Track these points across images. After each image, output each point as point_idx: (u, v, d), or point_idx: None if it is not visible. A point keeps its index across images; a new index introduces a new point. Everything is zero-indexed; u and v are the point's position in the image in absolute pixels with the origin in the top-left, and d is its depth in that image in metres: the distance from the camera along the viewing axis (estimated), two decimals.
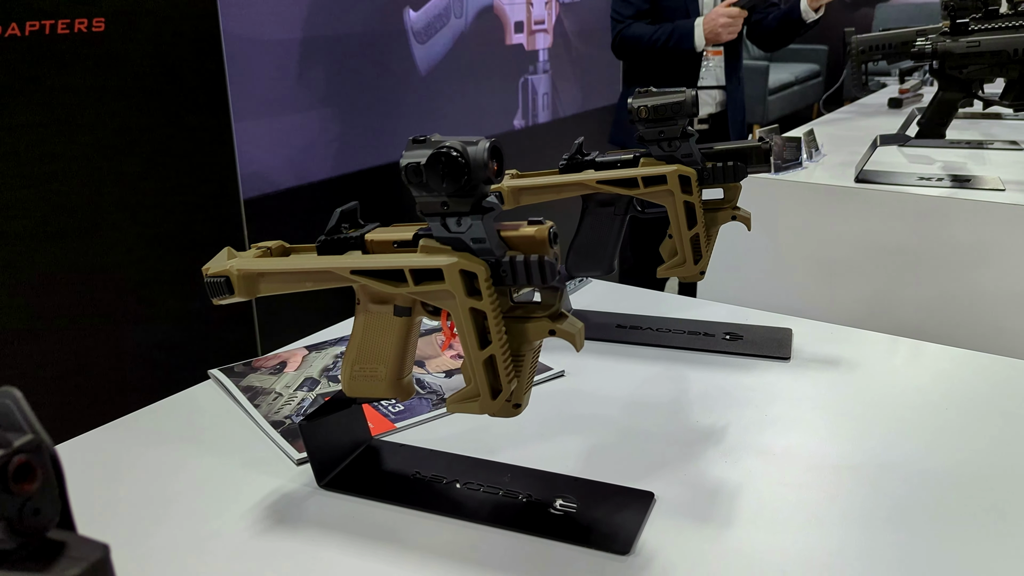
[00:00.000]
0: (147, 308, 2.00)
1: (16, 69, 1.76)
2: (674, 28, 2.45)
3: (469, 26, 3.26)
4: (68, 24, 1.87)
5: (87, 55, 1.89)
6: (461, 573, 0.67)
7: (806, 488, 0.78)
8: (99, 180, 1.90)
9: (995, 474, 0.80)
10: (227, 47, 2.17)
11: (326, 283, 0.72)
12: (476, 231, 0.66)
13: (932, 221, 1.62)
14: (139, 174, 1.97)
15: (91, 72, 1.90)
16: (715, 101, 2.63)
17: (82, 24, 1.89)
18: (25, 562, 0.37)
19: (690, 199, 0.98)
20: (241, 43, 2.43)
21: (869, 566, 0.67)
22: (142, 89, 1.97)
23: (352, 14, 2.74)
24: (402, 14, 2.91)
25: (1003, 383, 0.98)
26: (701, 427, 0.89)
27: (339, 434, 0.81)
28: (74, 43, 1.88)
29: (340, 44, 2.71)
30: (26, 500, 0.36)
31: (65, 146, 1.83)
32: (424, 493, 0.77)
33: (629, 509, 0.74)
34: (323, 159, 2.77)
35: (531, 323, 0.68)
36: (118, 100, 1.93)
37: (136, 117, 1.96)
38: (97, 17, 1.91)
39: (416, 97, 3.08)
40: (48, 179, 1.83)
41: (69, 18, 1.87)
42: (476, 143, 0.65)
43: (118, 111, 1.92)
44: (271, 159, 2.59)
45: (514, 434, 0.87)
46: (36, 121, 1.82)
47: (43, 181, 1.83)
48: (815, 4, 2.39)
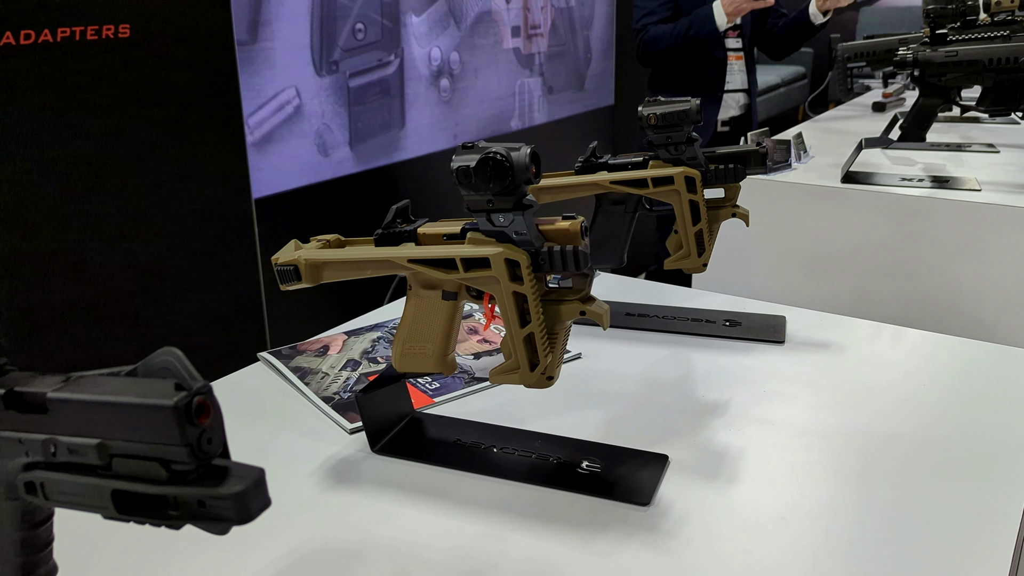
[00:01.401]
0: (162, 303, 2.09)
1: (49, 73, 1.85)
2: (693, 16, 2.52)
3: (467, 30, 3.36)
4: (96, 30, 1.96)
5: (113, 59, 1.98)
6: (503, 523, 0.77)
7: (799, 451, 0.89)
8: (121, 179, 1.99)
9: (964, 439, 0.91)
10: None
11: (383, 271, 0.82)
12: (518, 225, 0.76)
13: (913, 219, 1.73)
14: (158, 173, 2.07)
15: (117, 75, 1.99)
16: (738, 104, 2.74)
17: (109, 31, 1.99)
18: (200, 481, 0.47)
19: (695, 198, 1.08)
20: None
21: (854, 514, 0.78)
22: (161, 91, 2.07)
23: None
24: (406, 17, 3.00)
25: (975, 363, 1.09)
26: (707, 401, 0.99)
27: (388, 406, 0.91)
28: (102, 48, 1.97)
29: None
30: (202, 431, 0.46)
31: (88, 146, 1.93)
32: (466, 457, 0.87)
33: (647, 468, 0.84)
34: (331, 159, 2.85)
35: (564, 305, 0.78)
36: (140, 103, 2.03)
37: (156, 118, 2.06)
38: (123, 24, 2.01)
39: (421, 100, 3.17)
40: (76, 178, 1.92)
41: (97, 24, 1.96)
42: (519, 149, 0.75)
43: (140, 113, 2.02)
44: (280, 160, 2.67)
45: (540, 407, 0.97)
46: (68, 122, 1.91)
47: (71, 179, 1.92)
48: (823, 7, 2.50)
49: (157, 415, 0.45)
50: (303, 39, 2.66)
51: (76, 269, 1.93)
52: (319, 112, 2.75)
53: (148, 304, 2.07)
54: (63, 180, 1.90)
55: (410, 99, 3.10)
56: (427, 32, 3.14)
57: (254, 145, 2.54)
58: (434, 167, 3.26)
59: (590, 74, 4.23)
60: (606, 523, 0.77)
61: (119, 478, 0.47)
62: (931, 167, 1.98)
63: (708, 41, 2.55)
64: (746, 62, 2.73)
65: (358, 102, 2.89)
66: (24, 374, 0.52)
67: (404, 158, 3.12)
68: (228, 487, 0.46)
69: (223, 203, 2.32)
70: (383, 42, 2.95)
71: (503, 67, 3.59)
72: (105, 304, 1.98)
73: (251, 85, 2.51)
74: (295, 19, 2.62)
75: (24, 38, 1.84)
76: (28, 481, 0.50)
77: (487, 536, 0.75)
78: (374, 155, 2.99)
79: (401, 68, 3.04)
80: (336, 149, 2.84)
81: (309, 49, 2.68)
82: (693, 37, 2.53)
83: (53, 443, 0.49)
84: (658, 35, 2.60)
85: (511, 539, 0.75)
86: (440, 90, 3.24)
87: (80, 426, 0.48)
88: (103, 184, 1.96)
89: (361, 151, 2.93)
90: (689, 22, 2.53)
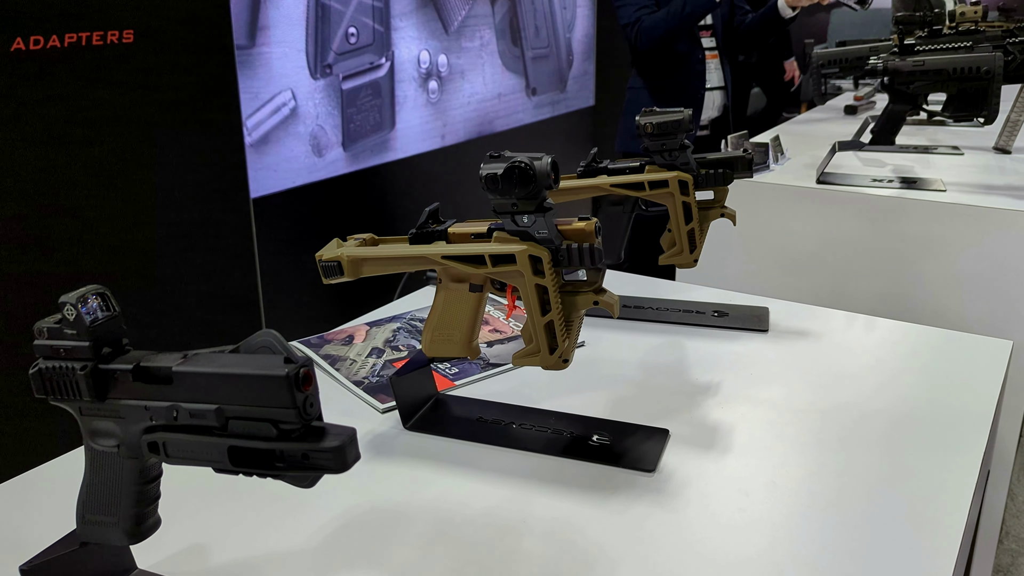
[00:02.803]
0: (162, 298, 2.18)
1: (56, 77, 1.93)
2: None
3: (455, 33, 3.45)
4: (102, 36, 2.04)
5: (118, 64, 2.06)
6: (527, 487, 0.88)
7: (783, 426, 1.00)
8: (122, 179, 2.08)
9: (928, 414, 1.02)
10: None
11: (418, 266, 0.92)
12: (540, 225, 0.87)
13: (883, 217, 1.85)
14: (161, 172, 2.16)
15: (121, 79, 2.07)
16: (716, 105, 2.83)
17: (114, 36, 2.07)
18: (304, 439, 0.57)
19: (687, 200, 1.19)
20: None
21: (832, 478, 0.89)
22: (164, 94, 2.16)
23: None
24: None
25: (939, 349, 1.21)
26: (700, 383, 1.10)
27: (418, 387, 1.01)
28: (107, 53, 2.05)
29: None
30: (306, 397, 0.56)
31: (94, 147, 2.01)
32: (489, 432, 0.98)
33: (651, 441, 0.95)
34: (325, 159, 2.94)
35: (580, 295, 0.89)
36: (144, 105, 2.11)
37: (158, 120, 2.15)
38: (127, 30, 2.09)
39: (411, 102, 3.25)
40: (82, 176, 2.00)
41: (102, 30, 2.04)
42: (541, 159, 0.85)
43: (144, 115, 2.11)
44: (276, 160, 2.75)
45: (551, 390, 1.08)
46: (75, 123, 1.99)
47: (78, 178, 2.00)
48: (792, 2, 2.62)
49: (271, 383, 0.55)
50: (299, 43, 2.74)
51: (82, 264, 2.00)
52: (313, 114, 2.84)
53: (148, 299, 2.15)
54: (71, 179, 1.98)
55: (400, 101, 3.19)
56: (416, 36, 3.23)
57: (252, 146, 2.63)
58: (423, 167, 3.36)
59: (571, 76, 4.34)
60: (617, 487, 0.88)
61: (234, 436, 0.57)
62: (900, 168, 2.11)
63: (703, 15, 2.59)
64: (721, 61, 2.82)
65: (351, 104, 2.98)
66: (143, 352, 0.62)
67: (394, 158, 3.21)
68: (329, 442, 0.56)
69: (223, 202, 2.40)
70: (375, 45, 3.04)
71: (488, 69, 3.69)
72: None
73: (249, 88, 2.60)
74: (291, 24, 2.70)
75: (34, 43, 1.92)
76: (152, 442, 0.60)
77: (514, 499, 0.86)
78: (366, 155, 3.08)
79: (392, 71, 3.13)
80: (329, 149, 2.93)
81: (304, 53, 2.77)
82: (690, 14, 2.57)
83: (176, 409, 0.59)
84: (655, 22, 2.63)
85: (535, 501, 0.85)
86: (428, 92, 3.34)
87: (200, 394, 0.58)
88: (109, 182, 2.04)
89: (353, 151, 3.02)
90: (683, 1, 2.58)
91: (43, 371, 0.62)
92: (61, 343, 0.61)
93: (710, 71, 2.78)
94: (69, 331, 0.61)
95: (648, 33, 2.66)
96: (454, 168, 3.50)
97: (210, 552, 0.78)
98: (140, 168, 2.12)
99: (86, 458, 0.65)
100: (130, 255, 2.10)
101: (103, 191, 2.04)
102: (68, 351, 0.61)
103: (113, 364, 0.61)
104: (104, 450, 0.63)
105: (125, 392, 0.61)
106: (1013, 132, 2.28)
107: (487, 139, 3.71)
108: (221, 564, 0.76)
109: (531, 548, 0.78)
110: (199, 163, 2.29)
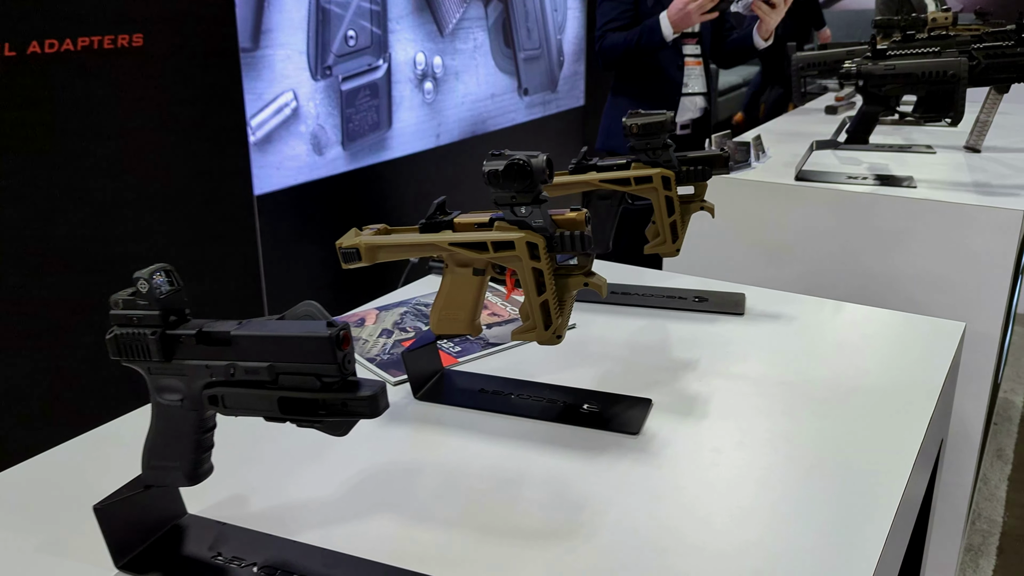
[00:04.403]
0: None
1: (70, 78, 2.03)
2: (643, 26, 2.70)
3: (449, 35, 3.55)
4: (113, 40, 2.15)
5: (128, 66, 2.16)
6: (525, 447, 0.99)
7: (755, 396, 1.11)
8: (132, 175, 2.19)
9: (886, 382, 1.14)
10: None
11: (427, 252, 1.03)
12: (536, 215, 0.98)
13: (858, 213, 1.97)
14: (169, 170, 2.27)
15: (132, 80, 2.18)
16: (696, 107, 2.95)
17: (124, 40, 2.17)
18: (343, 390, 0.68)
19: (670, 194, 1.31)
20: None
21: (796, 440, 1.01)
22: (173, 94, 2.27)
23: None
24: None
25: (903, 331, 1.33)
26: (680, 360, 1.22)
27: (426, 362, 1.13)
28: (118, 56, 2.16)
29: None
30: (345, 355, 0.67)
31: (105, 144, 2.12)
32: (490, 401, 1.09)
33: (635, 408, 1.07)
34: (325, 158, 3.04)
35: (572, 278, 1.00)
36: (153, 105, 2.22)
37: (167, 120, 2.26)
38: (136, 33, 2.19)
39: (407, 102, 3.36)
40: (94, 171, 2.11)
41: (113, 34, 2.14)
42: (537, 156, 0.97)
43: (153, 114, 2.22)
44: (279, 159, 2.86)
45: (544, 366, 1.19)
46: (88, 122, 2.09)
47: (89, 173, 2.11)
48: (765, 35, 2.76)
49: (316, 343, 0.66)
50: (300, 45, 2.85)
51: (93, 257, 2.11)
52: (314, 114, 2.95)
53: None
54: (82, 173, 2.08)
55: (397, 101, 3.30)
56: (412, 38, 3.33)
57: (255, 145, 2.73)
58: (419, 165, 3.47)
59: (562, 77, 4.45)
60: (605, 447, 0.99)
61: (283, 389, 0.68)
62: (875, 166, 2.22)
63: (657, 50, 2.72)
64: (704, 67, 2.94)
65: (349, 104, 3.08)
66: (203, 320, 0.73)
67: (391, 157, 3.32)
68: (364, 391, 0.67)
69: (227, 199, 2.50)
70: (372, 48, 3.15)
71: (482, 70, 3.80)
72: (107, 291, 2.17)
73: (253, 89, 2.70)
74: (293, 27, 2.81)
75: (48, 47, 2.02)
76: (212, 395, 0.71)
77: (514, 457, 0.97)
78: (364, 154, 3.19)
79: (389, 72, 3.24)
80: (329, 148, 3.03)
81: (306, 55, 2.87)
82: (644, 47, 2.70)
83: (233, 367, 0.70)
84: (614, 43, 2.76)
85: (533, 459, 0.97)
86: (424, 92, 3.45)
87: (254, 353, 0.69)
88: (119, 178, 2.15)
89: (352, 150, 3.12)
90: (640, 31, 2.70)
91: (118, 337, 0.73)
92: (134, 312, 0.72)
93: (692, 77, 2.89)
94: (141, 302, 0.72)
95: (606, 53, 2.80)
96: (449, 166, 3.61)
97: (248, 500, 0.89)
98: (148, 165, 2.22)
99: (152, 411, 0.76)
100: (139, 248, 2.21)
101: (114, 186, 2.14)
102: (140, 319, 0.72)
103: (178, 330, 0.72)
104: (169, 404, 0.74)
105: (188, 353, 0.72)
106: (982, 132, 2.41)
107: (480, 138, 3.83)
108: (259, 510, 0.87)
109: (530, 496, 0.90)
110: (205, 161, 2.39)
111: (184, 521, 0.83)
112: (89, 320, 2.09)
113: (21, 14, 1.92)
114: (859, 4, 6.79)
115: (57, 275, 2.06)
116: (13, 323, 2.00)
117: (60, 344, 2.07)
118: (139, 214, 2.20)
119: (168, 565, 0.78)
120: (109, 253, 2.15)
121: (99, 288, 2.11)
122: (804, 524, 0.85)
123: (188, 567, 0.77)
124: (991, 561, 2.45)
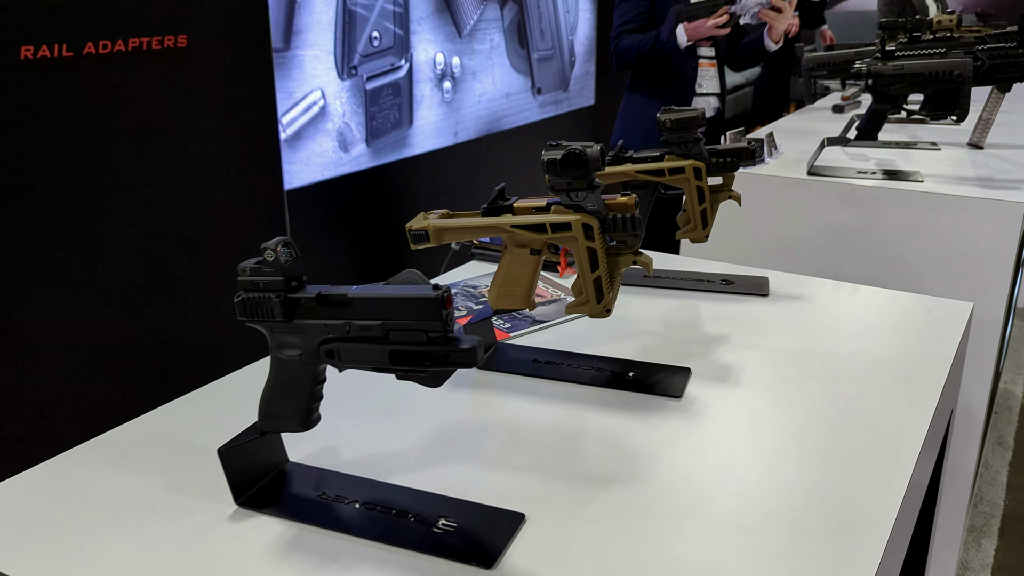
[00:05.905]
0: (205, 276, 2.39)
1: (121, 77, 2.14)
2: (659, 31, 2.81)
3: (467, 36, 3.65)
4: (160, 41, 2.26)
5: (172, 65, 2.28)
6: (581, 408, 1.10)
7: (785, 366, 1.23)
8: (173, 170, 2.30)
9: (900, 355, 1.25)
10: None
11: (490, 234, 1.14)
12: (590, 200, 1.09)
13: (867, 206, 2.09)
14: (205, 164, 2.38)
15: (175, 79, 2.29)
16: (709, 107, 3.05)
17: (170, 41, 2.28)
18: (446, 343, 0.79)
19: (701, 184, 1.42)
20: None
21: (818, 402, 1.12)
22: (212, 92, 2.38)
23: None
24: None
25: (913, 309, 1.44)
26: (713, 334, 1.33)
27: (483, 335, 1.24)
28: (164, 56, 2.27)
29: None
30: (448, 313, 0.78)
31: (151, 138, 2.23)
32: (544, 369, 1.20)
33: (677, 376, 1.18)
34: (350, 155, 3.15)
35: (622, 256, 1.11)
36: (195, 102, 2.33)
37: (206, 117, 2.37)
38: (181, 35, 2.30)
39: (427, 101, 3.46)
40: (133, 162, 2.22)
41: (160, 36, 2.25)
42: (592, 146, 1.08)
43: (194, 111, 2.33)
44: (307, 155, 2.97)
45: (587, 340, 1.30)
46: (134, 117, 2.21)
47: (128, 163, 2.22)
48: (775, 38, 2.88)
49: (424, 303, 0.77)
50: (328, 46, 2.96)
51: (130, 247, 2.22)
52: (340, 112, 3.06)
53: (192, 277, 2.37)
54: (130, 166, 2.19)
55: (417, 100, 3.41)
56: (432, 39, 3.44)
57: (286, 142, 2.84)
58: (438, 162, 3.58)
59: (574, 76, 4.56)
60: (652, 408, 1.10)
61: (394, 343, 0.79)
62: (883, 162, 2.34)
63: (671, 56, 2.84)
64: (719, 69, 3.05)
65: (373, 103, 3.19)
66: (319, 286, 0.84)
67: (412, 154, 3.43)
68: (464, 344, 0.78)
69: (261, 193, 2.61)
70: (395, 48, 3.26)
71: (497, 70, 3.91)
72: (159, 274, 2.29)
73: (284, 87, 2.81)
74: (322, 28, 2.92)
75: (102, 48, 2.13)
76: (328, 350, 0.82)
77: (571, 416, 1.08)
78: (387, 151, 3.29)
79: (410, 72, 3.35)
80: (354, 145, 3.14)
81: (333, 55, 2.98)
82: (658, 51, 2.82)
83: (349, 325, 0.81)
84: (628, 45, 2.87)
85: (588, 417, 1.08)
86: (443, 91, 3.55)
87: (368, 313, 0.80)
88: (163, 174, 2.26)
89: (376, 147, 3.23)
90: (655, 35, 2.81)
91: (245, 300, 0.84)
92: (260, 279, 0.83)
93: (706, 78, 3.00)
94: (267, 269, 0.83)
95: (621, 55, 2.92)
96: (467, 163, 3.73)
97: (340, 451, 1.00)
98: (188, 160, 2.33)
99: (271, 366, 0.87)
100: (178, 239, 2.32)
101: (158, 179, 2.25)
102: (265, 284, 0.83)
103: (299, 294, 0.83)
104: (287, 358, 0.85)
105: (308, 314, 0.83)
106: (985, 129, 2.52)
107: (495, 136, 3.94)
108: (350, 459, 0.98)
109: (590, 448, 1.01)
110: (241, 157, 2.50)
111: (288, 467, 0.95)
112: (159, 294, 2.23)
113: (78, 17, 2.03)
114: (859, 6, 6.90)
115: (110, 256, 2.17)
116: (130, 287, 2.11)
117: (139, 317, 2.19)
118: (180, 206, 2.31)
119: (281, 502, 0.89)
120: (152, 242, 2.26)
121: (149, 268, 2.23)
122: (831, 471, 0.96)
123: (299, 504, 0.88)
124: (993, 542, 2.57)
